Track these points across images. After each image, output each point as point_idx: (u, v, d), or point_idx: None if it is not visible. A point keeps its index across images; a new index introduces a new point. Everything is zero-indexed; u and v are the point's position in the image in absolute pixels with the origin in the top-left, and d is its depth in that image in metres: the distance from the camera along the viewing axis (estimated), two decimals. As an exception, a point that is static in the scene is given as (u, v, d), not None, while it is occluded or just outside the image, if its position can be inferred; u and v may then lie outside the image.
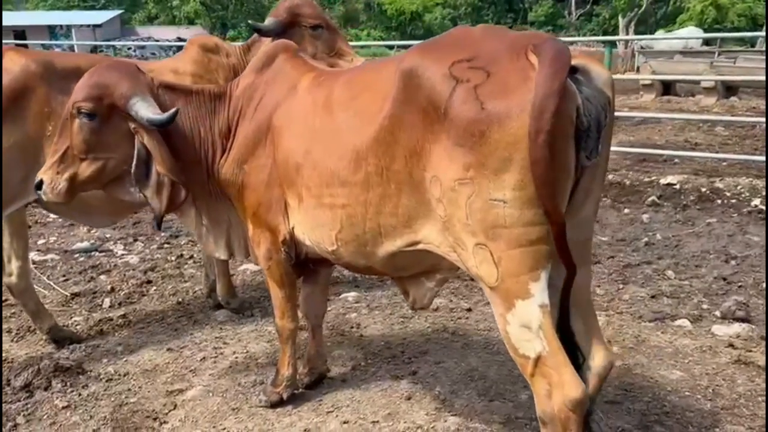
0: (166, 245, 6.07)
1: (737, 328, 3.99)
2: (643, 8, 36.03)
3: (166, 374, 3.58)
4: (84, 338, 4.03)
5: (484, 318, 4.21)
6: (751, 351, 3.69)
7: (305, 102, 2.64)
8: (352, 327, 4.12)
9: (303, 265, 2.99)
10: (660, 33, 24.63)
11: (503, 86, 1.90)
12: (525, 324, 2.01)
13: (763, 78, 12.80)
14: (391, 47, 33.27)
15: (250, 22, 4.35)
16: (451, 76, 2.01)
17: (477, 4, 49.82)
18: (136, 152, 2.78)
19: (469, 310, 4.35)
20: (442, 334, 3.98)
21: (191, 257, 5.70)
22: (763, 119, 10.38)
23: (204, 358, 3.75)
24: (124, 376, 3.56)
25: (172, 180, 2.79)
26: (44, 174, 2.83)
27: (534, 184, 1.86)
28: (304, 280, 3.19)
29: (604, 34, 37.71)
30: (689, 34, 22.70)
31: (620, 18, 32.82)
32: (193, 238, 6.19)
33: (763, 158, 8.28)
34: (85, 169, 2.82)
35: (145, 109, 2.71)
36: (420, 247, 2.29)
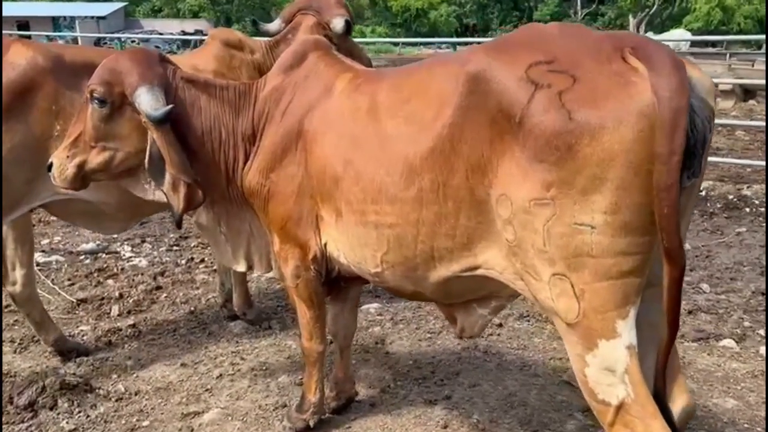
0: (175, 247, 5.82)
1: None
2: (654, 9, 35.80)
3: (180, 394, 3.32)
4: (91, 350, 3.77)
5: (516, 335, 3.95)
6: (809, 377, 3.44)
7: (343, 106, 2.37)
8: (377, 343, 3.86)
9: (333, 283, 2.73)
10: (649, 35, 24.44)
11: (594, 93, 1.64)
12: (608, 367, 1.76)
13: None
14: (396, 44, 33.02)
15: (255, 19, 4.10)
16: (529, 80, 1.75)
17: (483, 2, 49.52)
18: (149, 147, 2.57)
19: (500, 325, 4.09)
20: (474, 353, 3.72)
21: (202, 261, 5.44)
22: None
23: (221, 375, 3.50)
24: (136, 394, 3.31)
25: (184, 180, 2.54)
26: (55, 157, 2.67)
27: (659, 215, 1.60)
28: (332, 298, 2.93)
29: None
30: (679, 36, 22.41)
31: (630, 18, 32.55)
32: (204, 241, 5.95)
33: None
34: (94, 158, 2.63)
35: (147, 103, 2.47)
36: (479, 272, 2.03)
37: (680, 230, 1.64)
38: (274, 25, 3.95)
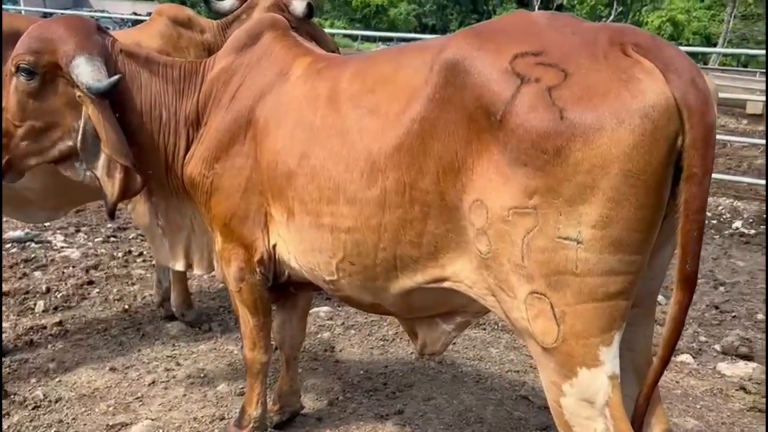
0: (112, 239, 5.43)
1: (744, 367, 3.69)
2: (611, 18, 36.54)
3: (107, 401, 3.02)
4: (9, 350, 3.42)
5: (472, 344, 3.78)
6: (765, 397, 3.37)
7: (300, 93, 2.12)
8: (326, 350, 3.62)
9: (281, 289, 2.49)
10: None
11: (590, 90, 1.45)
12: (587, 398, 1.57)
13: (733, 96, 12.85)
14: (354, 38, 32.75)
15: None
16: (514, 72, 1.54)
17: (442, 2, 49.64)
18: (82, 125, 2.29)
19: (456, 334, 3.90)
20: (428, 363, 3.52)
21: (140, 255, 5.09)
22: (733, 138, 10.35)
23: (153, 382, 3.20)
24: (56, 402, 2.99)
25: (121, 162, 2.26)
26: None
27: (687, 238, 1.45)
28: (279, 305, 2.68)
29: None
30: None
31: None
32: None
33: (740, 178, 8.16)
34: (21, 139, 2.31)
35: (87, 74, 2.20)
36: (446, 285, 1.82)
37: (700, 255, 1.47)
38: (228, 3, 3.66)
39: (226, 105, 2.31)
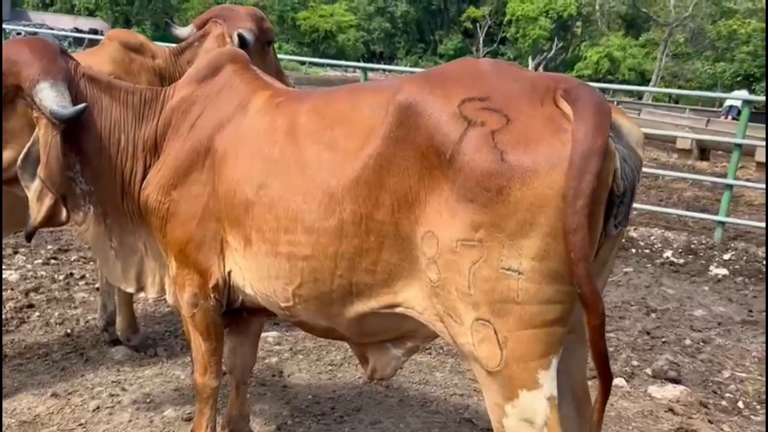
0: (53, 261, 5.32)
1: (672, 390, 3.90)
2: (552, 52, 37.88)
3: (49, 428, 2.98)
4: (-56, 376, 3.32)
5: (418, 368, 3.88)
6: (692, 418, 3.58)
7: (259, 126, 2.21)
8: (274, 375, 3.65)
9: (233, 314, 2.53)
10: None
11: (528, 135, 1.59)
12: (528, 418, 1.69)
13: (666, 132, 13.52)
14: (302, 63, 32.91)
15: (167, 21, 3.87)
16: (461, 116, 1.68)
17: (390, 31, 50.48)
18: (30, 143, 2.31)
19: (402, 359, 3.99)
20: (375, 387, 3.60)
21: (83, 277, 5.01)
22: (664, 171, 10.89)
23: (98, 407, 3.17)
24: (-5, 429, 2.92)
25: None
26: None
27: (568, 258, 1.55)
28: (231, 330, 2.71)
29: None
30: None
31: (530, 60, 34.31)
32: (86, 255, 5.50)
33: (670, 210, 8.60)
34: None
35: (51, 99, 2.23)
36: (399, 311, 1.92)
37: (593, 277, 1.59)
38: (186, 31, 3.72)
39: (185, 134, 2.37)
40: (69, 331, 4.00)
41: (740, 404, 3.84)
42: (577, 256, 1.53)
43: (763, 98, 21.28)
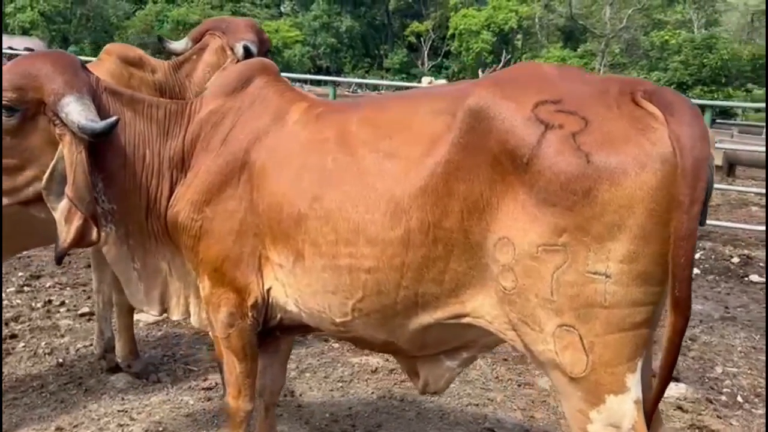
0: (26, 288, 5.05)
1: (676, 389, 3.98)
2: (500, 65, 38.65)
3: (60, 464, 2.80)
4: (-66, 416, 3.10)
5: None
6: (701, 414, 3.66)
7: (302, 137, 2.14)
8: (285, 395, 3.54)
9: (267, 334, 2.45)
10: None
11: (612, 136, 1.59)
12: (614, 423, 1.68)
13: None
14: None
15: (159, 36, 3.79)
16: (537, 119, 1.67)
17: (336, 46, 50.58)
18: (54, 162, 2.19)
19: (410, 371, 3.95)
20: (391, 402, 3.54)
21: (62, 304, 4.77)
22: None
23: (108, 439, 3.01)
24: (2, 469, 2.74)
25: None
26: None
27: (675, 264, 1.55)
28: (261, 350, 2.61)
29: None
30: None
31: (480, 72, 35.02)
32: (61, 281, 5.27)
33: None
34: None
35: (79, 113, 2.12)
36: (465, 320, 1.89)
37: (691, 280, 1.61)
38: (181, 44, 3.63)
39: (216, 148, 2.28)
40: (60, 360, 3.80)
41: (739, 398, 3.94)
42: (686, 261, 1.54)
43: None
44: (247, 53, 3.37)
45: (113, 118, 2.13)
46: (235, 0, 51.44)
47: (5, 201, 2.30)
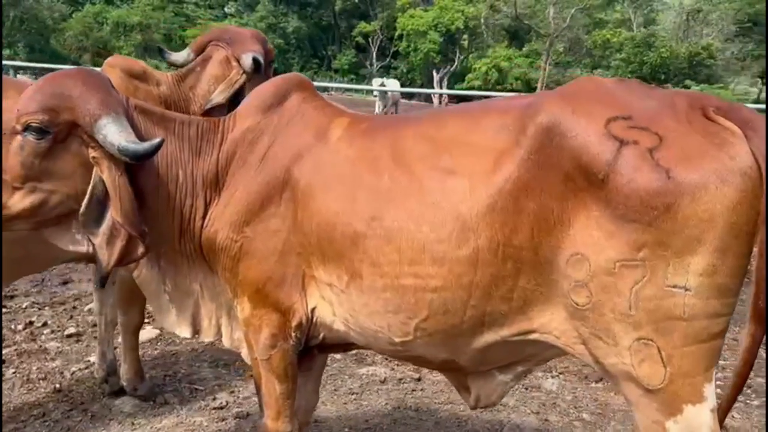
0: (3, 309, 4.82)
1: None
2: (455, 65, 39.04)
3: (80, 498, 2.68)
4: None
5: (439, 389, 3.84)
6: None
7: (350, 154, 2.11)
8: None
9: (305, 353, 2.40)
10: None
11: (689, 151, 1.62)
12: (691, 432, 1.71)
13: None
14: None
15: (160, 47, 3.68)
16: (611, 135, 1.68)
17: (283, 47, 50.06)
18: (91, 188, 2.12)
19: (419, 380, 3.95)
20: (406, 412, 3.53)
21: (45, 325, 4.58)
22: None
23: (126, 467, 2.90)
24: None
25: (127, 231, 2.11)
26: None
27: (758, 276, 1.60)
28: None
29: (402, 86, 39.92)
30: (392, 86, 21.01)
31: (434, 73, 35.35)
32: (38, 300, 5.05)
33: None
34: (17, 202, 2.10)
35: (118, 134, 2.05)
36: (532, 337, 1.89)
37: None
38: (182, 56, 3.52)
39: (254, 166, 2.22)
40: (57, 386, 3.64)
41: (733, 391, 4.08)
42: None
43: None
44: (256, 65, 3.30)
45: (157, 140, 2.05)
46: (178, 1, 50.46)
47: (25, 225, 2.20)
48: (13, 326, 4.50)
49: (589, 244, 1.71)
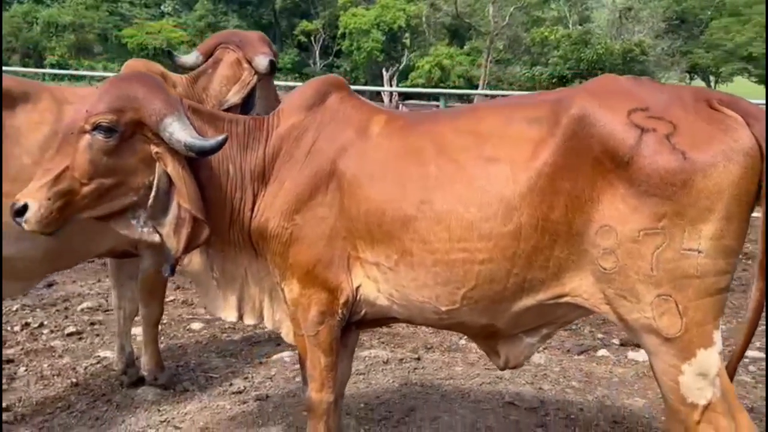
0: (-6, 312, 4.83)
1: (648, 353, 4.49)
2: (403, 64, 39.42)
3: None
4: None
5: (438, 366, 4.12)
6: (677, 373, 4.16)
7: (394, 147, 2.36)
8: (314, 391, 3.70)
9: (344, 329, 2.64)
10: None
11: (700, 136, 1.94)
12: (702, 372, 2.03)
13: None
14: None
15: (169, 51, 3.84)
16: (633, 124, 1.99)
17: (224, 46, 49.37)
18: (156, 181, 2.33)
19: (418, 359, 4.22)
20: (413, 388, 3.79)
21: (42, 325, 4.64)
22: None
23: (164, 450, 3.06)
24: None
25: (195, 216, 2.32)
26: (31, 197, 2.24)
27: (764, 237, 1.92)
28: (334, 344, 2.80)
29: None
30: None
31: (384, 71, 35.66)
32: (27, 303, 5.08)
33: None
34: (85, 196, 2.29)
35: (183, 132, 2.27)
36: (564, 300, 2.19)
37: None
38: (191, 58, 3.68)
39: (301, 160, 2.45)
40: (73, 380, 3.74)
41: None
42: None
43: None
44: (272, 67, 3.52)
45: (222, 136, 2.26)
46: (112, 0, 49.15)
47: (86, 215, 2.36)
48: (10, 327, 4.54)
49: (615, 216, 2.02)
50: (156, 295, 3.51)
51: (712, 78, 44.11)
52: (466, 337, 4.65)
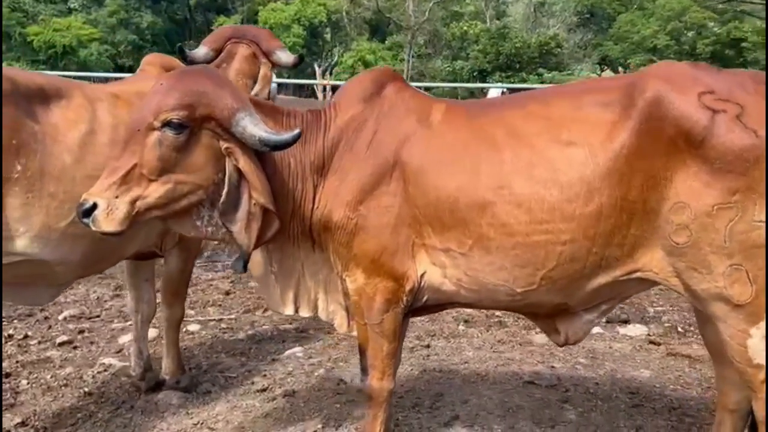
0: (-30, 325, 4.54)
1: (639, 328, 4.77)
2: (336, 59, 39.23)
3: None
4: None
5: (450, 353, 4.22)
6: (671, 344, 4.44)
7: (458, 136, 2.41)
8: (338, 383, 3.71)
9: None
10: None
11: (765, 115, 2.10)
12: (769, 334, 2.20)
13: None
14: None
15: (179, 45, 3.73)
16: (705, 106, 2.13)
17: (138, 43, 47.64)
18: (227, 178, 2.30)
19: (428, 346, 4.31)
20: (433, 374, 3.86)
21: (27, 336, 4.41)
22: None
23: (206, 452, 2.99)
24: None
25: (265, 210, 2.32)
26: (99, 196, 2.18)
27: None
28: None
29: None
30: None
31: (316, 66, 35.34)
32: (14, 313, 4.80)
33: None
34: (153, 193, 2.24)
35: (256, 127, 2.25)
36: (636, 275, 2.31)
37: None
38: (202, 53, 3.58)
39: (362, 151, 2.46)
40: (86, 389, 3.59)
41: (680, 329, 4.81)
42: None
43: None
44: (300, 59, 3.53)
45: (297, 131, 2.24)
46: (14, -6, 46.34)
47: (155, 214, 2.29)
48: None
49: (689, 193, 2.15)
50: (179, 296, 3.41)
51: (621, 69, 46.30)
52: (465, 323, 4.78)
